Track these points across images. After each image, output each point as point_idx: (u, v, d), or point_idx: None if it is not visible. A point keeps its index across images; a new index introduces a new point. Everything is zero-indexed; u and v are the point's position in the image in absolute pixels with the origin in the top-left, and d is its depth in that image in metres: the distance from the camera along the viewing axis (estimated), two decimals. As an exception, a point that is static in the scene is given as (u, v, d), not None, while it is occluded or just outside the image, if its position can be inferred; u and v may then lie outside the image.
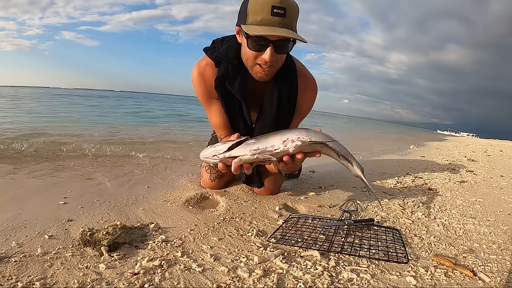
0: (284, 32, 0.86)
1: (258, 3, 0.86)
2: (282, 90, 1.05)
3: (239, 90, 1.02)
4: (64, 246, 0.72)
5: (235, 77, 1.01)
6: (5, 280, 0.57)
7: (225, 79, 1.02)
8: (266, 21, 0.86)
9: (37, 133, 2.93)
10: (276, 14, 0.85)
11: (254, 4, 0.86)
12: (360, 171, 0.83)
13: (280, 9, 0.85)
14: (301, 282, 0.62)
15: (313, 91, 1.15)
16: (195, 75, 1.08)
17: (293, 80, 1.07)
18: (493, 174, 2.23)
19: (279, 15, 0.85)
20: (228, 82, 1.02)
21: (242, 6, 0.91)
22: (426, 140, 6.99)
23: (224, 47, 1.02)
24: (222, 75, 1.02)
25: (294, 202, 1.20)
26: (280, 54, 0.93)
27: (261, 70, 0.95)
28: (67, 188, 1.21)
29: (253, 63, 0.95)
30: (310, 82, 1.13)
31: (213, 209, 1.08)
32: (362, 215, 1.08)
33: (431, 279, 0.67)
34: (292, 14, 0.88)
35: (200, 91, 1.09)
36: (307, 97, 1.13)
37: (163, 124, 5.29)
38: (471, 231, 0.99)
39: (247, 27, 0.88)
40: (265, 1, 0.85)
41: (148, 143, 2.82)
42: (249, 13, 0.87)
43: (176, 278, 0.61)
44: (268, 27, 0.86)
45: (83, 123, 4.33)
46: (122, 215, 0.94)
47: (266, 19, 0.86)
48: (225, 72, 1.02)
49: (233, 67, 1.00)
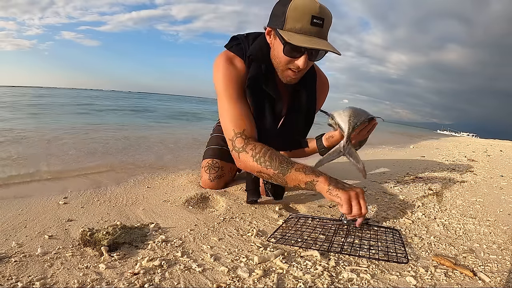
0: (321, 44, 0.87)
1: (299, 10, 0.86)
2: (306, 90, 1.09)
3: (273, 89, 1.01)
4: (64, 246, 0.72)
5: (269, 78, 1.00)
6: (5, 280, 0.57)
7: (259, 79, 0.99)
8: (305, 30, 0.86)
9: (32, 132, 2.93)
10: (315, 24, 0.86)
11: (295, 11, 0.86)
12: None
13: (320, 19, 0.86)
14: (301, 282, 0.62)
15: (327, 88, 1.24)
16: (224, 62, 1.01)
17: (313, 80, 1.13)
18: (493, 174, 2.23)
19: (317, 25, 0.86)
20: (264, 83, 0.99)
21: (279, 10, 0.89)
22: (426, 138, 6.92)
23: (256, 46, 1.00)
24: (256, 75, 0.98)
25: (294, 202, 1.20)
26: (312, 61, 0.95)
27: (292, 74, 0.95)
28: (67, 188, 1.21)
29: (285, 67, 0.95)
30: (325, 83, 1.22)
31: (213, 209, 1.08)
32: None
33: (431, 279, 0.67)
34: (328, 24, 0.89)
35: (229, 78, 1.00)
36: (323, 94, 1.22)
37: (163, 123, 5.29)
38: (471, 231, 0.99)
39: (286, 33, 0.87)
40: (306, 10, 0.85)
41: (148, 142, 2.82)
42: (287, 19, 0.87)
43: (176, 278, 0.61)
44: (308, 38, 0.86)
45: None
46: (122, 215, 0.94)
47: (305, 28, 0.86)
48: (258, 72, 0.99)
49: (266, 67, 0.99)
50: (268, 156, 0.90)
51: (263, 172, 0.91)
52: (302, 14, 0.85)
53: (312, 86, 1.12)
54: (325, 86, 1.22)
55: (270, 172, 0.90)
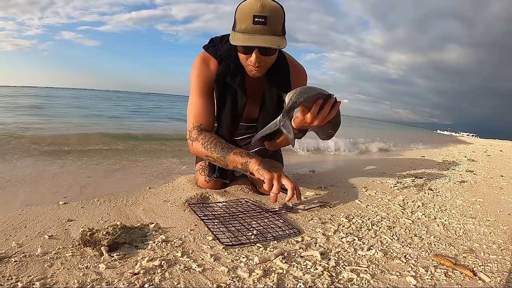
0: (261, 41, 0.94)
1: (242, 12, 0.95)
2: (278, 83, 1.14)
3: (240, 84, 1.12)
4: (64, 246, 0.72)
5: (236, 74, 1.11)
6: (5, 280, 0.57)
7: (226, 75, 1.11)
8: (249, 29, 0.95)
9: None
10: (258, 23, 0.93)
11: (240, 13, 0.96)
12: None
13: (261, 17, 0.93)
14: (301, 282, 0.62)
15: (304, 77, 1.26)
16: (199, 62, 1.14)
17: (286, 72, 1.18)
18: (493, 174, 2.23)
19: (260, 23, 0.93)
20: (230, 78, 1.11)
21: (235, 13, 0.99)
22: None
23: (226, 47, 1.09)
24: (223, 72, 1.11)
25: (294, 202, 1.20)
26: (265, 56, 1.01)
27: (253, 69, 1.04)
28: (67, 188, 1.21)
29: (245, 63, 1.05)
30: (301, 70, 1.25)
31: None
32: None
33: (431, 279, 0.67)
34: (274, 20, 0.95)
35: (204, 77, 1.13)
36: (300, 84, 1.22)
37: (163, 123, 5.30)
38: (471, 231, 0.99)
39: (233, 34, 0.99)
40: (248, 11, 0.94)
41: (149, 142, 2.82)
42: (236, 20, 0.98)
43: (176, 278, 0.61)
44: (249, 36, 0.95)
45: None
46: (122, 215, 0.94)
47: (248, 28, 0.95)
48: (226, 69, 1.10)
49: (234, 65, 1.09)
50: (213, 143, 1.08)
51: (209, 156, 1.10)
52: (245, 15, 0.94)
53: (286, 79, 1.17)
54: (301, 75, 1.25)
55: (214, 156, 1.08)
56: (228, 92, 1.14)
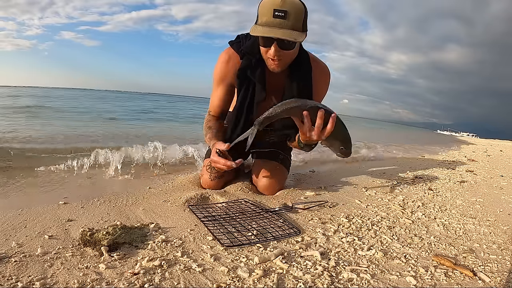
0: (279, 33, 0.97)
1: (264, 6, 0.98)
2: (299, 79, 1.17)
3: (260, 78, 1.16)
4: (64, 246, 0.72)
5: (257, 68, 1.15)
6: (5, 280, 0.57)
7: (247, 69, 1.15)
8: (269, 22, 0.98)
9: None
10: (277, 17, 0.96)
11: (262, 7, 0.99)
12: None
13: (281, 12, 0.96)
14: (301, 282, 0.62)
15: (327, 75, 1.28)
16: (223, 58, 1.21)
17: (307, 69, 1.19)
18: (493, 174, 2.23)
19: (279, 17, 0.96)
20: (250, 72, 1.15)
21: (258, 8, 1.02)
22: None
23: (249, 42, 1.14)
24: (245, 66, 1.15)
25: (294, 202, 1.20)
26: (284, 50, 1.03)
27: (272, 63, 1.07)
28: (67, 188, 1.21)
29: (266, 57, 1.08)
30: (323, 68, 1.26)
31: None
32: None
33: (431, 279, 0.67)
34: (294, 15, 0.98)
35: (221, 72, 1.21)
36: (322, 82, 1.26)
37: (162, 124, 5.29)
38: (471, 231, 0.99)
39: (254, 27, 1.01)
40: (269, 5, 0.97)
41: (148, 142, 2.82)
42: (259, 15, 1.01)
43: (176, 278, 0.61)
44: (268, 28, 0.98)
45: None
46: (122, 215, 0.94)
47: (269, 21, 0.98)
48: (248, 64, 1.15)
49: (256, 60, 1.13)
50: (206, 126, 1.25)
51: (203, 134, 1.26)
52: (266, 9, 0.97)
53: (307, 76, 1.19)
54: (324, 74, 1.26)
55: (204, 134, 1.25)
56: (249, 87, 1.18)
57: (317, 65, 1.23)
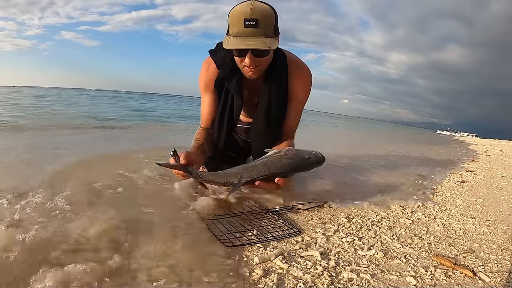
0: (252, 43, 0.97)
1: (234, 16, 0.98)
2: (272, 83, 1.16)
3: (235, 88, 1.16)
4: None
5: (232, 79, 1.15)
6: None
7: (224, 80, 1.17)
8: (241, 32, 0.97)
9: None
10: (249, 26, 0.96)
11: (231, 17, 0.99)
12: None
13: (252, 20, 0.95)
14: (301, 282, 0.62)
15: (305, 77, 1.23)
16: (204, 67, 1.24)
17: (283, 71, 1.18)
18: (493, 174, 2.24)
19: (251, 26, 0.96)
20: (227, 83, 1.17)
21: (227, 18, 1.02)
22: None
23: (223, 53, 1.13)
24: (221, 78, 1.17)
25: (294, 202, 1.20)
26: (259, 58, 1.03)
27: (248, 70, 1.07)
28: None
29: (241, 66, 1.08)
30: (301, 69, 1.22)
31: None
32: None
33: (431, 279, 0.67)
34: (265, 22, 0.97)
35: (203, 81, 1.25)
36: (300, 84, 1.22)
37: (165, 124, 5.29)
38: (471, 231, 0.99)
39: (226, 38, 1.02)
40: (239, 15, 0.97)
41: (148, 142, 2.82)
42: (229, 25, 1.00)
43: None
44: (241, 39, 0.98)
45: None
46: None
47: (240, 31, 0.97)
48: (224, 75, 1.16)
49: (230, 70, 1.14)
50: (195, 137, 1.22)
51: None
52: (236, 19, 0.97)
53: (282, 78, 1.18)
54: (302, 72, 1.22)
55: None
56: (227, 95, 1.20)
57: (295, 67, 1.20)
